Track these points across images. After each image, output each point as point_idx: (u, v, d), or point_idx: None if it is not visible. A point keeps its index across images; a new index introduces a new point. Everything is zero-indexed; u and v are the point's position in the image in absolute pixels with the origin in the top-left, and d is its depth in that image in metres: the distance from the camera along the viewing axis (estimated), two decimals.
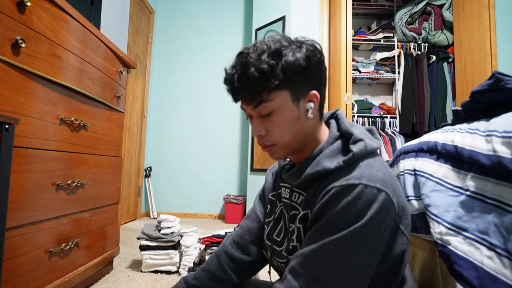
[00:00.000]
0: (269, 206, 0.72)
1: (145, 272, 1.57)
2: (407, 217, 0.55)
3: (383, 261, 0.52)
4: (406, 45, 2.98)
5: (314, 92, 0.57)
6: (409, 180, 0.81)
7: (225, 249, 0.74)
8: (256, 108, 0.55)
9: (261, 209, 0.76)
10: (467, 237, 0.57)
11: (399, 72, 2.94)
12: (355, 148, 0.54)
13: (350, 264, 0.48)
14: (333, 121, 0.63)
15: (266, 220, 0.71)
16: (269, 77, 0.52)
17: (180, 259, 1.61)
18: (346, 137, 0.58)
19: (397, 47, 2.96)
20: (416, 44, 2.97)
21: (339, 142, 0.58)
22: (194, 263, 1.49)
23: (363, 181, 0.49)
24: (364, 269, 0.49)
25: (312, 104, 0.57)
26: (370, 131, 0.61)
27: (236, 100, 0.57)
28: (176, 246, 1.59)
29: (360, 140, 0.55)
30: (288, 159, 0.68)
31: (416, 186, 0.79)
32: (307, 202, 0.57)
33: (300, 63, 0.53)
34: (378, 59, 3.00)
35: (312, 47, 0.56)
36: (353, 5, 2.84)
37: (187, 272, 1.51)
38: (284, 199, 0.66)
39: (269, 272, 0.76)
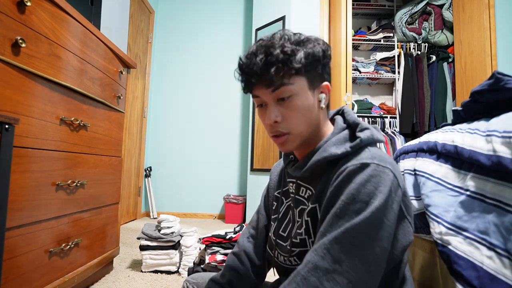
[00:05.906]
0: (275, 204, 0.73)
1: (145, 272, 1.57)
2: (411, 207, 0.56)
3: (390, 253, 0.51)
4: (406, 45, 2.97)
5: (327, 83, 0.59)
6: (409, 180, 0.81)
7: (244, 248, 0.75)
8: (276, 91, 0.54)
9: (267, 208, 0.77)
10: (467, 237, 0.57)
11: (399, 72, 2.94)
12: (362, 134, 0.55)
13: (371, 251, 0.46)
14: (338, 116, 0.64)
15: (272, 217, 0.72)
16: (292, 60, 0.53)
17: (180, 259, 1.61)
18: (353, 127, 0.59)
19: (397, 47, 2.96)
20: (416, 44, 2.97)
21: (346, 131, 0.59)
22: (194, 263, 1.49)
23: (375, 161, 0.50)
24: (383, 256, 0.48)
25: (324, 95, 0.59)
26: (374, 128, 0.62)
27: (250, 87, 0.56)
28: (176, 246, 1.59)
29: (367, 128, 0.57)
30: (291, 156, 0.69)
31: (416, 186, 0.79)
32: (316, 196, 0.58)
33: (319, 54, 0.56)
34: (378, 59, 2.99)
35: (325, 44, 0.59)
36: (353, 5, 2.84)
37: (187, 272, 1.51)
38: (292, 194, 0.66)
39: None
